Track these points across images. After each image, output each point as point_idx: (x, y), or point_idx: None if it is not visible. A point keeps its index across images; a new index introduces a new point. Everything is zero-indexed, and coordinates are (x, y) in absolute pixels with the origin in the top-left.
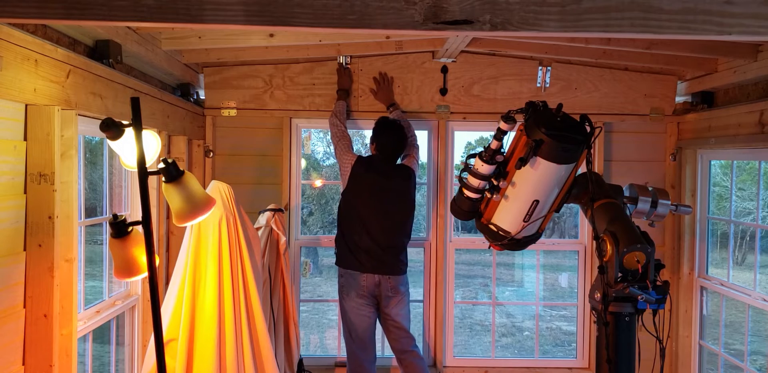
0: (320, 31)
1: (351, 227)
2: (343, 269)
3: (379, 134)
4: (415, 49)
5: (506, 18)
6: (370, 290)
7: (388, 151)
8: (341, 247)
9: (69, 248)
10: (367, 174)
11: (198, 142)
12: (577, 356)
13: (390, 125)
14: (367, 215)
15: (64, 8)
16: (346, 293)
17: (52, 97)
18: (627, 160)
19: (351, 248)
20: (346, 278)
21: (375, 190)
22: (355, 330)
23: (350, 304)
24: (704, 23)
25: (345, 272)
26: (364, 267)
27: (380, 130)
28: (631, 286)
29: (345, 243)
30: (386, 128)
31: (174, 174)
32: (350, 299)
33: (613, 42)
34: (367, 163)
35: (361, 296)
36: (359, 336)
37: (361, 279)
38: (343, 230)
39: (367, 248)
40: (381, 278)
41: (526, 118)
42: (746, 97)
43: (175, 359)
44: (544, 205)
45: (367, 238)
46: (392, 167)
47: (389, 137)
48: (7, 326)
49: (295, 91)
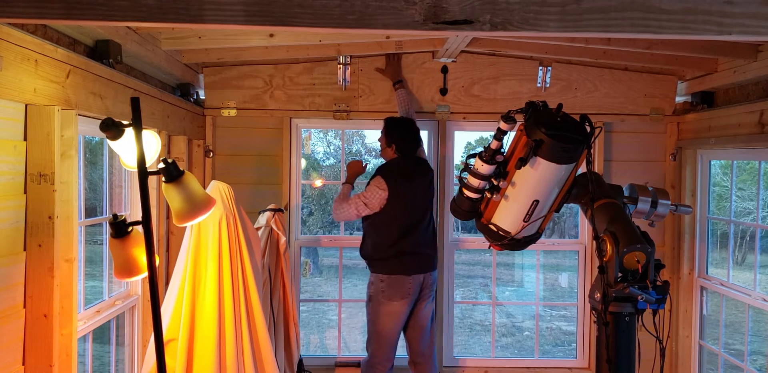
0: (320, 31)
1: (390, 233)
2: (385, 274)
3: (394, 135)
4: (415, 49)
5: (506, 18)
6: (414, 291)
7: (408, 150)
8: (382, 253)
9: (69, 248)
10: (398, 188)
11: (198, 142)
12: (577, 356)
13: (403, 124)
14: (404, 218)
15: (64, 8)
16: (388, 298)
17: (52, 97)
18: (627, 160)
19: (394, 253)
20: (388, 283)
21: (409, 195)
22: (388, 335)
23: (391, 308)
24: (704, 23)
25: (387, 278)
26: (412, 269)
27: (395, 131)
28: (631, 286)
29: (385, 250)
30: (400, 127)
31: (174, 174)
32: (392, 303)
33: (613, 42)
34: (395, 176)
35: (405, 298)
36: (390, 341)
37: (407, 282)
38: (382, 238)
39: (411, 250)
40: (424, 276)
41: (526, 118)
42: (746, 97)
43: (175, 359)
44: (544, 205)
45: (407, 240)
46: (414, 165)
47: (406, 136)
48: (7, 326)
49: (295, 91)
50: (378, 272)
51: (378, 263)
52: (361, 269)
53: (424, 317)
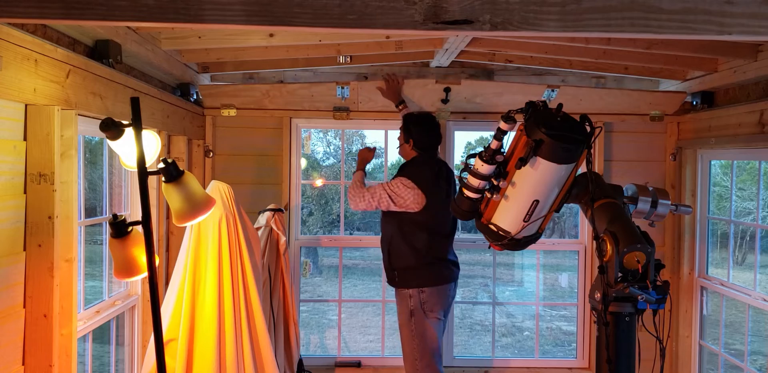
0: (320, 30)
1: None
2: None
3: (411, 130)
4: (414, 48)
5: (506, 18)
6: (451, 300)
7: (426, 144)
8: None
9: (69, 248)
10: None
11: (198, 142)
12: (577, 356)
13: (421, 118)
14: (436, 222)
15: (64, 8)
16: (430, 310)
17: (52, 97)
18: (627, 160)
19: (432, 261)
20: (429, 294)
21: (439, 197)
22: (434, 347)
23: (434, 320)
24: (704, 23)
25: (429, 289)
26: (450, 277)
27: (412, 125)
28: (631, 286)
29: (422, 259)
30: (418, 121)
31: (174, 174)
32: (434, 315)
33: (613, 42)
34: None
35: (444, 308)
36: (438, 351)
37: (448, 290)
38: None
39: (442, 256)
40: (452, 285)
41: (526, 118)
42: (746, 97)
43: (175, 359)
44: (544, 205)
45: (439, 247)
46: (433, 165)
47: (424, 129)
48: (6, 326)
49: (293, 99)
50: (423, 286)
51: (412, 272)
52: (361, 269)
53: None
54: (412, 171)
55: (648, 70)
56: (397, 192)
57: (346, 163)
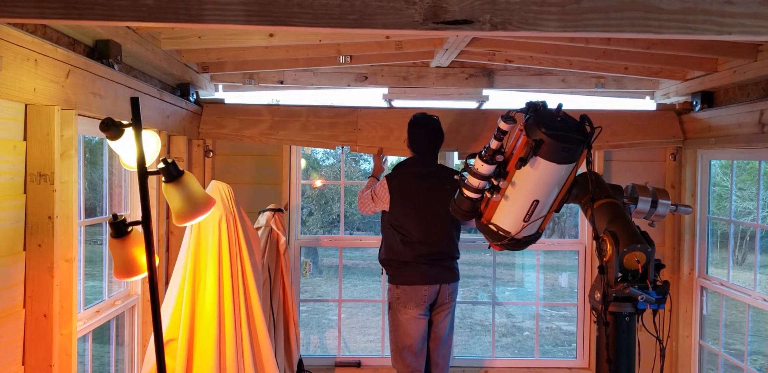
0: (320, 30)
1: (401, 240)
2: (403, 285)
3: (409, 131)
4: (414, 48)
5: (506, 18)
6: (429, 300)
7: (419, 148)
8: (393, 262)
9: (69, 248)
10: (403, 185)
11: (198, 142)
12: (577, 356)
13: (417, 120)
14: (412, 224)
15: (64, 8)
16: (403, 305)
17: (52, 97)
18: (627, 160)
19: (407, 261)
20: (403, 289)
21: (415, 200)
22: (409, 342)
23: (408, 315)
24: (704, 23)
25: (403, 286)
26: (426, 278)
27: (409, 126)
28: (631, 286)
29: (397, 258)
30: (414, 123)
31: (174, 174)
32: (408, 310)
33: (613, 42)
34: (400, 176)
35: (420, 306)
36: (412, 348)
37: (422, 291)
38: (390, 245)
39: (424, 259)
40: (441, 286)
41: (526, 118)
42: (746, 97)
43: (175, 359)
44: (544, 205)
45: (422, 247)
46: (428, 167)
47: (420, 134)
48: (6, 326)
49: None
50: (395, 283)
51: (391, 272)
52: (360, 269)
53: (442, 329)
54: (393, 172)
55: (648, 70)
56: (376, 191)
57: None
